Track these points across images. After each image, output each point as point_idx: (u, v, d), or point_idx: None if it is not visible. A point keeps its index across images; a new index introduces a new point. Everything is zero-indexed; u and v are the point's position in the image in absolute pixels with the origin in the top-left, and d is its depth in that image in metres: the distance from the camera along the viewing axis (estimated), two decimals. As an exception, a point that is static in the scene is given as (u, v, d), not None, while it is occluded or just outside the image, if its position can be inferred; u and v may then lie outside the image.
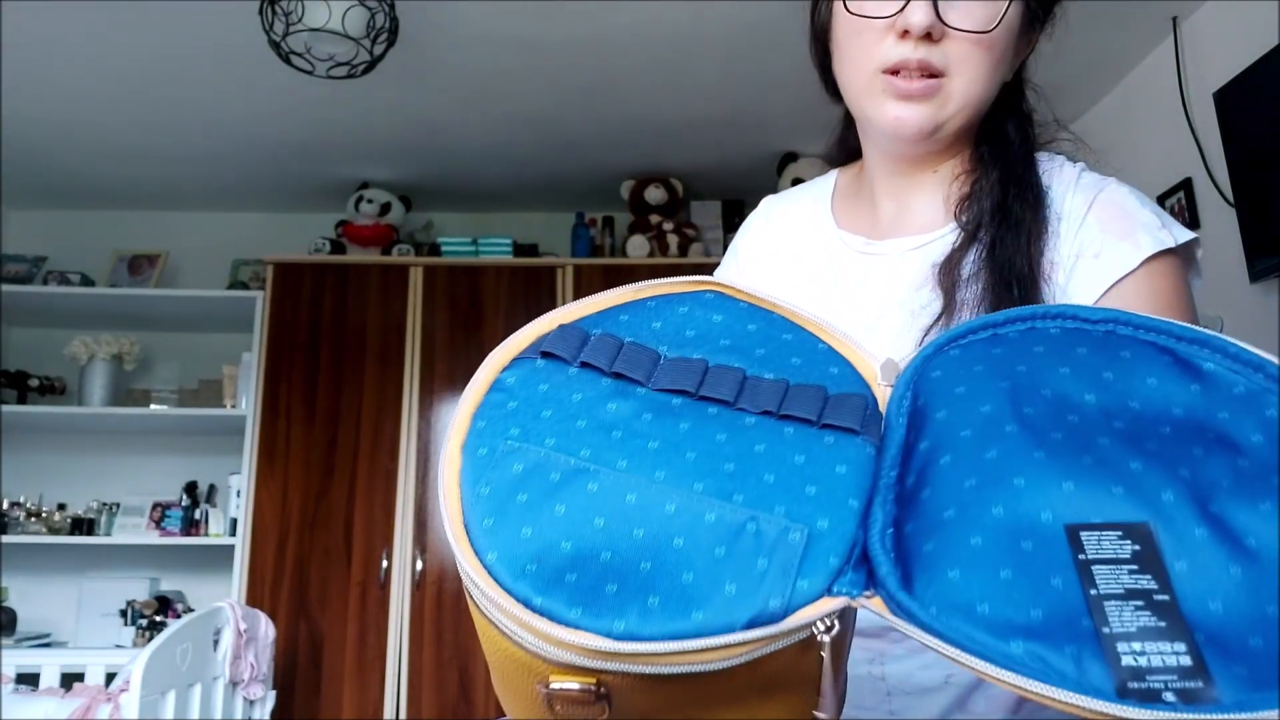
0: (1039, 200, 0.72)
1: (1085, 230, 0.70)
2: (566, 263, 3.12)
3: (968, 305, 0.70)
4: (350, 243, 3.23)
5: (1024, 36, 0.75)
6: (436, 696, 2.75)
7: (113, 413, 3.09)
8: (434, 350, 3.00)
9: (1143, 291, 0.68)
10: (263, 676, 2.30)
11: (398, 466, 2.91)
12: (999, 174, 0.73)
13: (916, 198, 0.78)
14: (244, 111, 2.82)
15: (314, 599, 2.80)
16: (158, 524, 3.05)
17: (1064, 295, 0.69)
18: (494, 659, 0.47)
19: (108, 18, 2.30)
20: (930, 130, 0.73)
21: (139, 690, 1.78)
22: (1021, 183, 0.73)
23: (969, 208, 0.73)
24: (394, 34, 2.13)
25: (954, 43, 0.70)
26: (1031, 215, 0.71)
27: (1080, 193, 0.72)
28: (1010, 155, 0.74)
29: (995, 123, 0.76)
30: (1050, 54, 0.83)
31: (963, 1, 0.70)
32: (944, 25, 0.69)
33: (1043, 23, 0.77)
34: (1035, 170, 0.75)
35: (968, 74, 0.71)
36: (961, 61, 0.70)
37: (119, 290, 3.19)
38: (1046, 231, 0.71)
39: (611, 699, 0.41)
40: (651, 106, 2.81)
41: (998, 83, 0.74)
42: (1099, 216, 0.71)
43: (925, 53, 0.70)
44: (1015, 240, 0.70)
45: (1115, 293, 0.68)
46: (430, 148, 3.09)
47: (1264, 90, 2.03)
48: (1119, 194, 0.72)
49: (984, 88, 0.72)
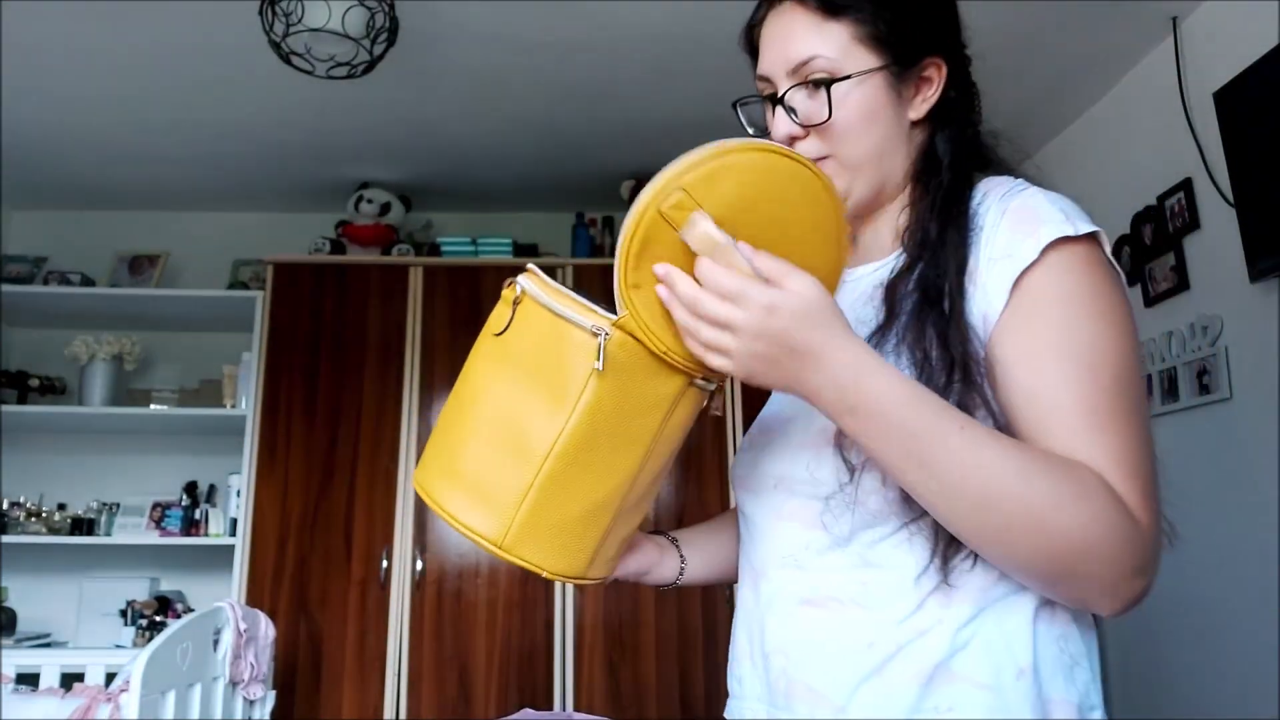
0: (964, 220, 0.81)
1: (1000, 235, 0.78)
2: (566, 263, 3.12)
3: (903, 319, 0.80)
4: (350, 243, 3.23)
5: (897, 89, 0.84)
6: (436, 696, 2.75)
7: (113, 413, 3.09)
8: (434, 350, 3.00)
9: (1049, 280, 0.74)
10: (263, 676, 2.30)
11: (398, 466, 2.91)
12: (929, 203, 0.84)
13: (876, 230, 0.90)
14: (244, 112, 2.82)
15: (314, 599, 2.80)
16: (158, 524, 3.05)
17: (983, 295, 0.76)
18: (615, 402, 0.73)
19: (107, 18, 2.30)
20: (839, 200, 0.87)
21: (139, 690, 1.78)
22: (948, 207, 0.82)
23: (910, 234, 0.85)
24: (394, 34, 2.13)
25: (818, 131, 0.83)
26: (956, 236, 0.80)
27: (999, 203, 0.80)
28: (940, 182, 0.84)
29: (930, 156, 0.87)
30: (1050, 55, 0.87)
31: (807, 100, 0.83)
32: (801, 127, 0.84)
33: (914, 66, 0.85)
34: (965, 194, 0.83)
35: (843, 148, 0.84)
36: (833, 141, 0.84)
37: (119, 290, 3.19)
38: (968, 245, 0.79)
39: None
40: (651, 106, 2.81)
41: (881, 138, 0.84)
42: (1011, 221, 0.78)
43: (802, 148, 0.84)
44: (941, 262, 0.79)
45: (1023, 283, 0.75)
46: (430, 148, 3.09)
47: (1264, 90, 2.03)
48: (1032, 199, 0.79)
49: (863, 151, 0.84)
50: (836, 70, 0.82)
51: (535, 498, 0.74)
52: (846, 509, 0.79)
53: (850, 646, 0.77)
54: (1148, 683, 2.57)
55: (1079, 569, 0.69)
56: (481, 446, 0.75)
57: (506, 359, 0.76)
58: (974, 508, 0.68)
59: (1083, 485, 0.68)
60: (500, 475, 0.74)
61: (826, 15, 0.83)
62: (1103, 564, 0.68)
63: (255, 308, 3.04)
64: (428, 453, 0.81)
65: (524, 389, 0.74)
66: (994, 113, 0.93)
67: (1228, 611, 2.24)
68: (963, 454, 0.68)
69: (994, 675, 0.74)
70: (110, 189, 3.39)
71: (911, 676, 0.74)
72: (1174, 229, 2.42)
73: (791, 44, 0.84)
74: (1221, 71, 2.18)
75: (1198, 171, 2.30)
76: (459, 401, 0.79)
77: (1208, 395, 2.29)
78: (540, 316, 0.75)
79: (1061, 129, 2.97)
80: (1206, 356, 2.28)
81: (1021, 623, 0.75)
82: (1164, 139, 2.46)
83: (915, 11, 0.84)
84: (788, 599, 0.82)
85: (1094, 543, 0.68)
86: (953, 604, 0.75)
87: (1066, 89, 2.72)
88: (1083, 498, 0.68)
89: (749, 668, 0.86)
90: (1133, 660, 2.65)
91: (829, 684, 0.77)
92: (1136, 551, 0.69)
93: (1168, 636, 2.47)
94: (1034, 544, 0.68)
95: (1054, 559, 0.68)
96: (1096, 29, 2.40)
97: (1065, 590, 0.71)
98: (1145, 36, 2.44)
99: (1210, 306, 2.30)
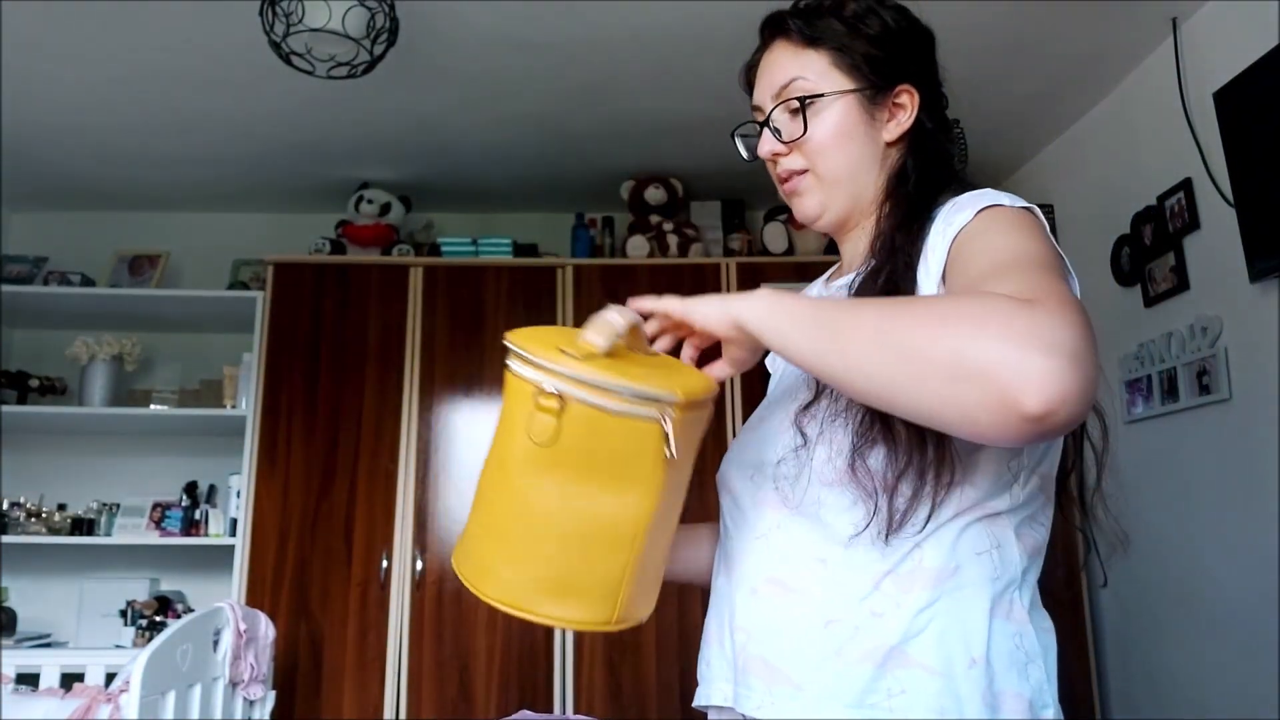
0: (921, 232, 0.87)
1: (941, 220, 0.85)
2: (566, 263, 3.12)
3: None
4: (350, 243, 3.23)
5: (870, 112, 0.92)
6: (436, 696, 2.75)
7: (113, 413, 3.09)
8: (434, 350, 3.00)
9: (981, 222, 0.81)
10: (263, 677, 2.30)
11: (398, 467, 2.91)
12: (898, 215, 0.90)
13: (855, 245, 0.98)
14: (244, 112, 2.82)
15: (314, 599, 2.80)
16: (158, 524, 3.05)
17: (929, 269, 0.84)
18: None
19: (108, 19, 2.30)
20: (818, 213, 0.95)
21: (139, 690, 1.78)
22: (909, 220, 0.89)
23: (878, 243, 0.91)
24: (394, 34, 2.13)
25: (798, 147, 0.93)
26: (913, 246, 0.86)
27: (949, 204, 0.87)
28: (907, 197, 0.91)
29: (902, 177, 0.93)
30: (1051, 56, 0.88)
31: (789, 120, 0.93)
32: (784, 144, 0.93)
33: (887, 91, 0.93)
34: (929, 205, 0.89)
35: (819, 163, 0.93)
36: (811, 156, 0.93)
37: (120, 291, 3.19)
38: (922, 240, 0.86)
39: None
40: (651, 106, 2.81)
41: (856, 155, 0.93)
42: (949, 209, 0.85)
43: (784, 164, 0.95)
44: (900, 267, 0.86)
45: (957, 241, 0.81)
46: (430, 148, 3.09)
47: (1264, 90, 2.03)
48: (978, 191, 0.86)
49: (838, 166, 0.93)
50: (814, 90, 0.92)
51: (630, 577, 0.77)
52: (800, 473, 0.84)
53: (810, 625, 0.80)
54: (1148, 682, 2.57)
55: (970, 348, 0.63)
56: (562, 552, 0.77)
57: (558, 465, 0.75)
58: (878, 349, 0.68)
59: (970, 294, 0.72)
60: (593, 572, 0.77)
61: (807, 44, 0.93)
62: (994, 338, 0.62)
63: (255, 308, 3.04)
64: (491, 560, 0.79)
65: (586, 485, 0.76)
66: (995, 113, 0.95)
67: (1228, 611, 2.24)
68: (859, 312, 0.72)
69: (945, 663, 0.76)
70: (110, 189, 3.39)
71: (865, 657, 0.77)
72: (1174, 229, 2.42)
73: (777, 71, 0.95)
74: (1221, 72, 2.18)
75: (1198, 172, 2.30)
76: (513, 512, 0.78)
77: (1208, 396, 2.29)
78: (591, 417, 0.74)
79: (1062, 129, 2.97)
80: (1206, 357, 2.28)
81: (978, 614, 0.78)
82: (1164, 139, 2.46)
83: (888, 42, 0.93)
84: (755, 577, 0.86)
85: (974, 317, 0.64)
86: (912, 589, 0.78)
87: (1067, 89, 2.72)
88: (965, 297, 0.70)
89: (717, 650, 0.90)
90: (1133, 660, 2.65)
91: (788, 661, 0.81)
92: (1037, 327, 0.62)
93: (1168, 636, 2.47)
94: (926, 339, 0.65)
95: (935, 346, 0.64)
96: (1096, 30, 2.40)
97: (974, 382, 0.63)
98: (1145, 37, 2.45)
99: (1210, 307, 2.30)
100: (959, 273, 0.79)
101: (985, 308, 0.65)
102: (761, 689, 0.82)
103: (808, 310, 0.73)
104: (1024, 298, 0.66)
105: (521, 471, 0.76)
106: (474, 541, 0.81)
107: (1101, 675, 2.78)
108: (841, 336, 0.70)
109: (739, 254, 3.22)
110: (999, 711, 0.76)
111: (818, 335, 0.71)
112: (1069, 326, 0.64)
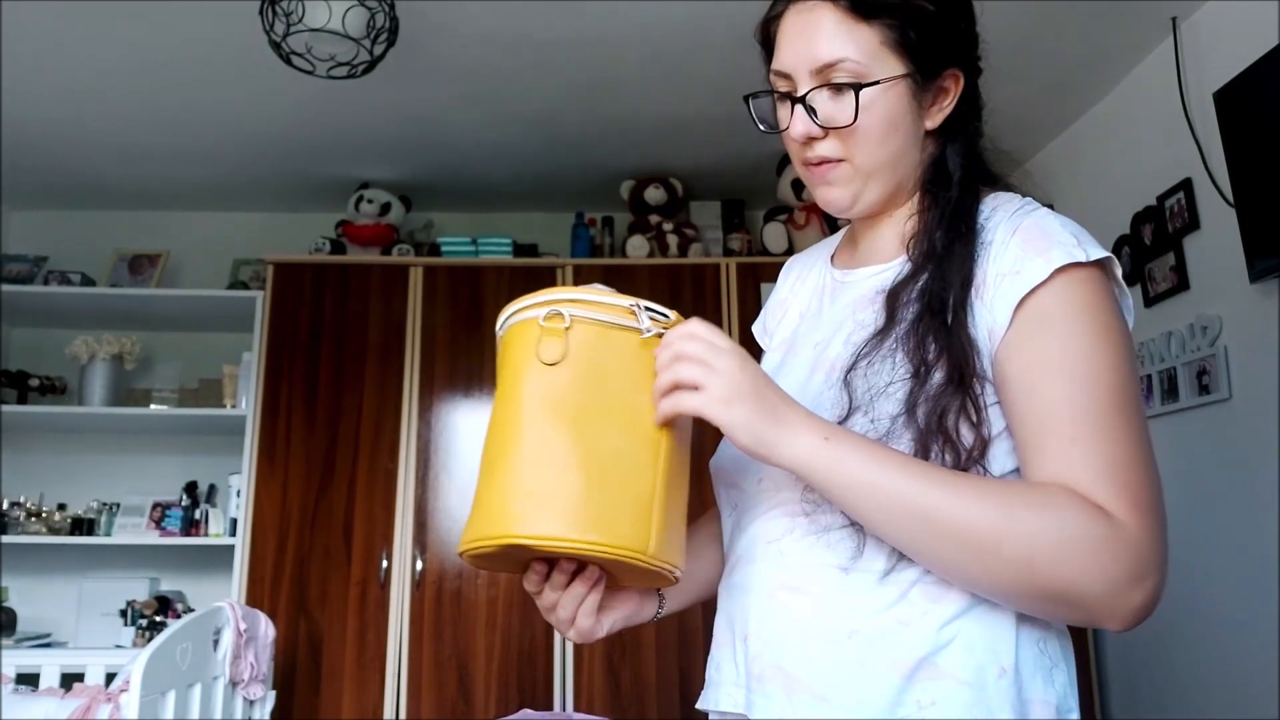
0: (971, 235, 0.82)
1: (1009, 251, 0.78)
2: (566, 263, 3.12)
3: (903, 326, 0.81)
4: (350, 243, 3.23)
5: (917, 98, 0.84)
6: (436, 696, 2.75)
7: (113, 413, 3.09)
8: (434, 350, 3.00)
9: (1055, 299, 0.75)
10: (263, 676, 2.30)
11: (398, 466, 2.91)
12: (938, 214, 0.84)
13: (880, 234, 0.91)
14: (244, 111, 2.82)
15: (314, 599, 2.80)
16: (158, 524, 3.05)
17: (988, 310, 0.77)
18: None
19: (108, 18, 2.30)
20: (849, 204, 0.87)
21: (139, 690, 1.78)
22: (957, 220, 0.83)
23: (916, 244, 0.85)
24: (394, 34, 2.12)
25: (838, 133, 0.83)
26: (963, 250, 0.81)
27: (1010, 220, 0.81)
28: (949, 195, 0.85)
29: (940, 167, 0.87)
30: (1051, 55, 0.87)
31: (830, 101, 0.82)
32: (820, 127, 0.83)
33: (935, 77, 0.85)
34: (973, 207, 0.84)
35: (860, 154, 0.83)
36: (852, 145, 0.83)
37: (120, 290, 3.19)
38: (975, 259, 0.80)
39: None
40: (651, 106, 2.81)
41: (899, 146, 0.84)
42: (1021, 239, 0.78)
43: (819, 149, 0.84)
44: (947, 273, 0.80)
45: (1030, 301, 0.76)
46: (430, 148, 3.09)
47: (1264, 90, 2.03)
48: (1044, 220, 0.80)
49: (880, 158, 0.84)
50: (864, 74, 0.81)
51: (660, 502, 0.75)
52: (825, 501, 0.80)
53: (830, 634, 0.78)
54: (1148, 683, 2.57)
55: (1057, 583, 0.69)
56: (582, 474, 0.73)
57: (572, 393, 0.75)
58: (942, 543, 0.72)
59: (1040, 498, 0.71)
60: (624, 496, 0.73)
61: (859, 18, 0.81)
62: (1081, 573, 0.68)
63: (255, 307, 3.04)
64: (506, 500, 0.74)
65: (601, 413, 0.75)
66: (994, 113, 0.93)
67: (1228, 611, 2.24)
68: (925, 499, 0.71)
69: (977, 673, 0.74)
70: (110, 189, 3.39)
71: (892, 667, 0.75)
72: (1174, 229, 2.42)
73: (819, 43, 0.81)
74: (1221, 72, 2.18)
75: (1198, 171, 2.30)
76: (531, 455, 0.75)
77: (1207, 395, 2.29)
78: (595, 332, 0.76)
79: (1062, 129, 2.97)
80: (1206, 357, 2.28)
81: (1006, 623, 0.76)
82: (1164, 139, 2.46)
83: (943, 22, 0.84)
84: (769, 584, 0.83)
85: (1056, 551, 0.69)
86: (943, 597, 0.76)
87: (1067, 89, 2.72)
88: (1040, 508, 0.70)
89: (728, 653, 0.87)
90: (1133, 660, 2.65)
91: (807, 670, 0.78)
92: (1122, 558, 0.68)
93: (1168, 637, 2.47)
94: (997, 568, 0.70)
95: (1023, 577, 0.70)
96: (1096, 29, 2.40)
97: (1065, 609, 0.71)
98: (1145, 37, 2.45)
99: (1210, 307, 2.30)
100: (1026, 358, 0.75)
101: (1049, 521, 0.69)
102: (781, 697, 0.79)
103: (865, 477, 0.72)
104: (1101, 501, 0.70)
105: (536, 411, 0.75)
106: (491, 503, 0.75)
107: (1103, 675, 2.78)
108: (912, 526, 0.72)
109: (739, 254, 3.22)
110: (1028, 716, 0.75)
111: (889, 519, 0.73)
112: (1150, 537, 0.70)
